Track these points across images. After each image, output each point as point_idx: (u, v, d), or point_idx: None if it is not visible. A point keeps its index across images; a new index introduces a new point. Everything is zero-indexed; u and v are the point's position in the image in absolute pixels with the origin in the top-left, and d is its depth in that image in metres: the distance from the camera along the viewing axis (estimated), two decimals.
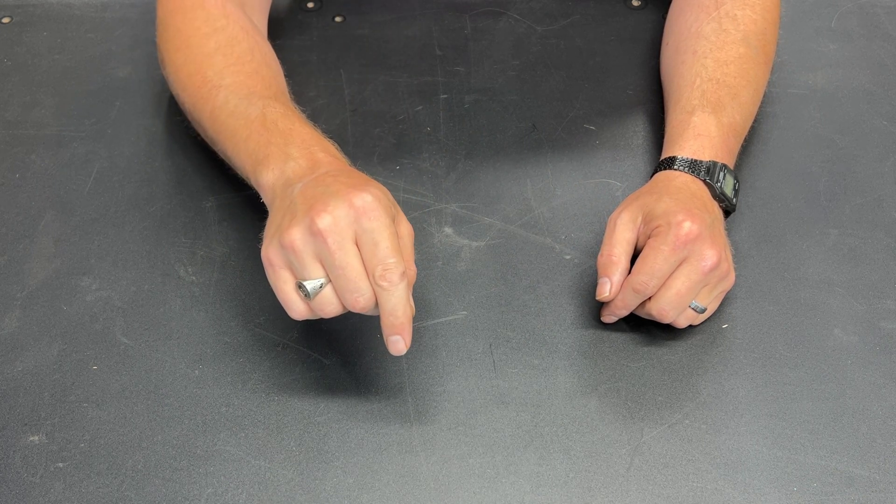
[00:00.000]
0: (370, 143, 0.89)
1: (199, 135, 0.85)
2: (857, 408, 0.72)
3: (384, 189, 0.66)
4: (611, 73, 0.96)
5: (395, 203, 0.67)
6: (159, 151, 0.88)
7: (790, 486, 0.68)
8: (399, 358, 0.74)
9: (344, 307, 0.65)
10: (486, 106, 0.93)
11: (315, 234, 0.62)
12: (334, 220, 0.62)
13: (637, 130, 0.91)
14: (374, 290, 0.63)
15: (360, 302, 0.63)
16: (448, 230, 0.82)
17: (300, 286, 0.64)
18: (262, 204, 0.82)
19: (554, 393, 0.72)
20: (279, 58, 0.85)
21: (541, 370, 0.74)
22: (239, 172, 0.77)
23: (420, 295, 0.78)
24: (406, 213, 0.82)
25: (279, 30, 0.97)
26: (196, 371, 0.73)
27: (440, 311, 0.77)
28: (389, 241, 0.63)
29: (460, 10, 1.02)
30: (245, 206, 0.84)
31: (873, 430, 0.71)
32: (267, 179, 0.70)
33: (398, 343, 0.65)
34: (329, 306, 0.64)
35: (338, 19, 1.01)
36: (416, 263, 0.79)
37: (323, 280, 0.64)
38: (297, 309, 0.65)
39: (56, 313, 0.77)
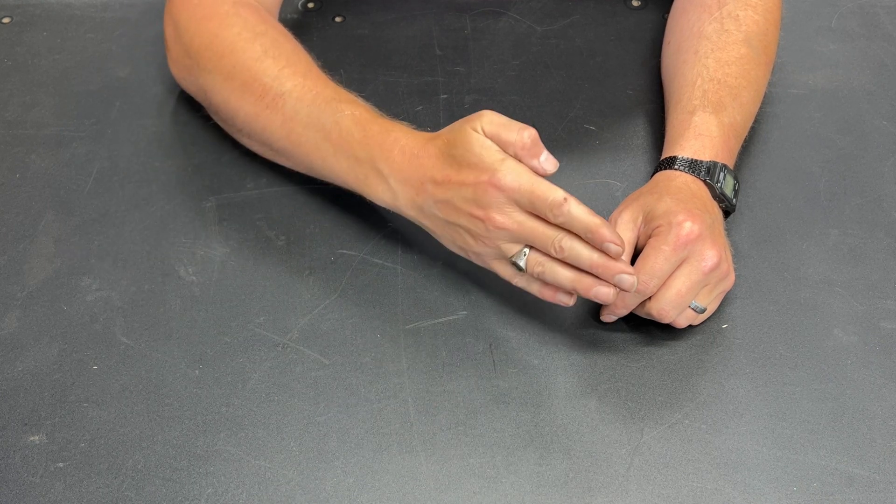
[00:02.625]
0: None
1: (217, 128, 0.84)
2: (857, 408, 0.72)
3: (473, 134, 0.70)
4: (611, 73, 0.96)
5: (488, 120, 0.71)
6: (159, 151, 0.88)
7: (790, 486, 0.68)
8: (399, 358, 0.74)
9: (558, 260, 0.70)
10: (486, 106, 0.92)
11: (495, 230, 0.69)
12: (497, 211, 0.68)
13: (637, 130, 0.91)
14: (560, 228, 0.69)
15: (559, 243, 0.68)
16: None
17: (513, 264, 0.71)
18: (263, 204, 0.82)
19: (554, 393, 0.72)
20: None
21: (541, 370, 0.74)
22: (325, 179, 0.80)
23: (420, 295, 0.78)
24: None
25: None
26: (196, 371, 0.73)
27: (440, 311, 0.77)
28: (534, 184, 0.68)
29: (460, 10, 1.02)
30: (245, 206, 0.84)
31: (873, 430, 0.71)
32: (383, 199, 0.75)
33: (610, 246, 0.68)
34: (543, 265, 0.70)
35: (338, 19, 1.01)
36: (416, 264, 0.80)
37: (522, 249, 0.70)
38: (532, 288, 0.72)
39: (56, 313, 0.77)
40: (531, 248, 0.70)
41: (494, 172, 0.68)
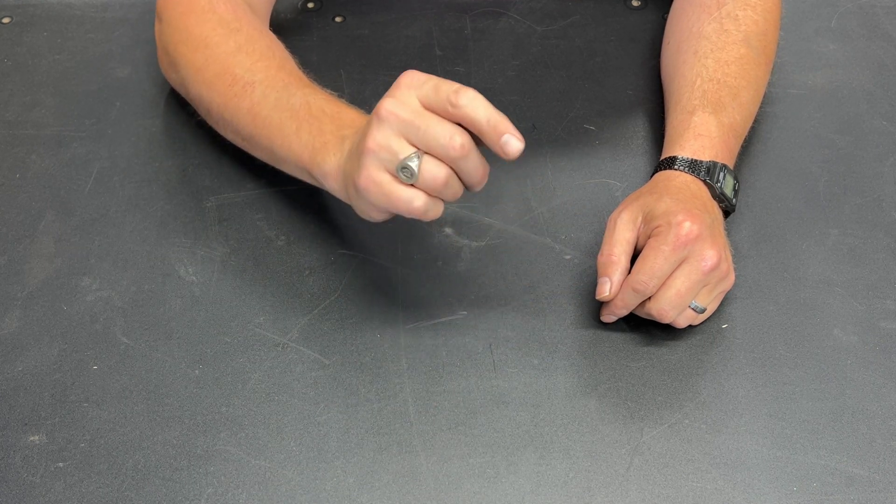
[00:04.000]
0: None
1: (221, 136, 0.84)
2: (857, 408, 0.72)
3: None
4: (611, 73, 0.96)
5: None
6: (159, 151, 0.88)
7: (790, 486, 0.68)
8: (399, 358, 0.74)
9: (450, 168, 0.65)
10: None
11: (385, 118, 0.64)
12: (395, 99, 0.64)
13: (637, 130, 0.91)
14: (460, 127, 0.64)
15: (458, 141, 0.63)
16: (448, 230, 0.82)
17: (401, 172, 0.64)
18: (262, 204, 0.83)
19: (554, 393, 0.72)
20: None
21: (541, 370, 0.74)
22: (285, 166, 0.77)
23: (420, 295, 0.78)
24: None
25: (279, 30, 0.97)
26: (196, 371, 0.73)
27: (440, 311, 0.77)
28: (444, 82, 0.64)
29: (460, 10, 1.02)
30: (245, 206, 0.84)
31: (873, 430, 0.71)
32: (331, 164, 0.71)
33: (510, 140, 0.64)
34: (436, 171, 0.64)
35: (338, 19, 1.01)
36: (416, 264, 0.80)
37: (415, 152, 0.64)
38: (416, 201, 0.65)
39: (56, 313, 0.77)
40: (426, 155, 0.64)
41: (411, 69, 0.66)
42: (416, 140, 0.64)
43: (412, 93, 0.64)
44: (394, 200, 0.65)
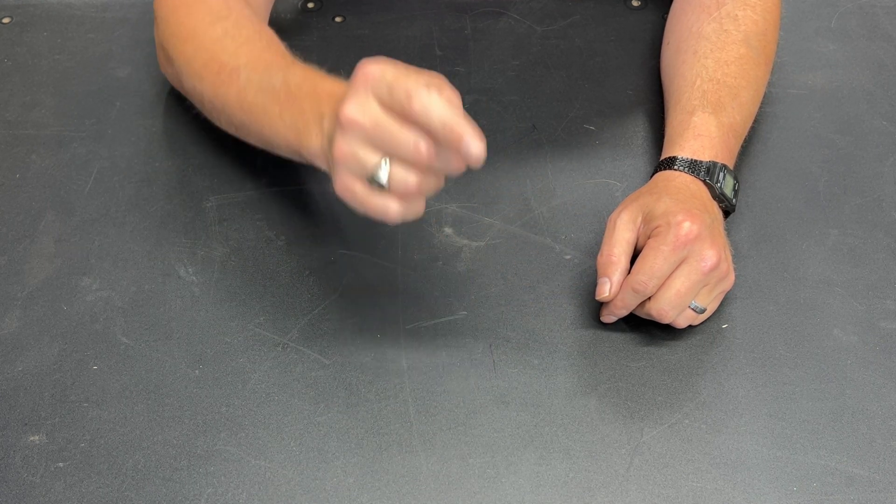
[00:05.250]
0: None
1: (216, 128, 0.84)
2: (857, 408, 0.72)
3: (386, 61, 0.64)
4: (611, 73, 0.96)
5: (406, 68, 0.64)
6: (159, 151, 0.88)
7: (790, 486, 0.68)
8: (399, 358, 0.74)
9: (420, 170, 0.62)
10: (486, 106, 0.92)
11: (346, 127, 0.62)
12: (352, 103, 0.62)
13: (637, 130, 0.91)
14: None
15: (423, 145, 0.60)
16: (448, 230, 0.82)
17: (372, 182, 0.62)
18: (262, 204, 0.83)
19: (554, 393, 0.72)
20: None
21: (541, 370, 0.74)
22: (278, 150, 0.76)
23: (420, 295, 0.78)
24: None
25: (279, 30, 0.97)
26: (196, 371, 0.73)
27: (440, 311, 0.77)
28: (403, 76, 0.61)
29: (460, 10, 1.02)
30: (245, 206, 0.84)
31: (873, 430, 0.71)
32: (314, 145, 0.68)
33: (471, 143, 0.60)
34: (406, 179, 0.62)
35: (338, 19, 1.01)
36: (416, 264, 0.80)
37: (383, 160, 0.62)
38: (391, 209, 0.63)
39: (56, 313, 0.77)
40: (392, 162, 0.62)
41: (368, 62, 0.62)
42: (381, 147, 0.62)
43: (370, 95, 0.62)
44: (369, 209, 0.64)
